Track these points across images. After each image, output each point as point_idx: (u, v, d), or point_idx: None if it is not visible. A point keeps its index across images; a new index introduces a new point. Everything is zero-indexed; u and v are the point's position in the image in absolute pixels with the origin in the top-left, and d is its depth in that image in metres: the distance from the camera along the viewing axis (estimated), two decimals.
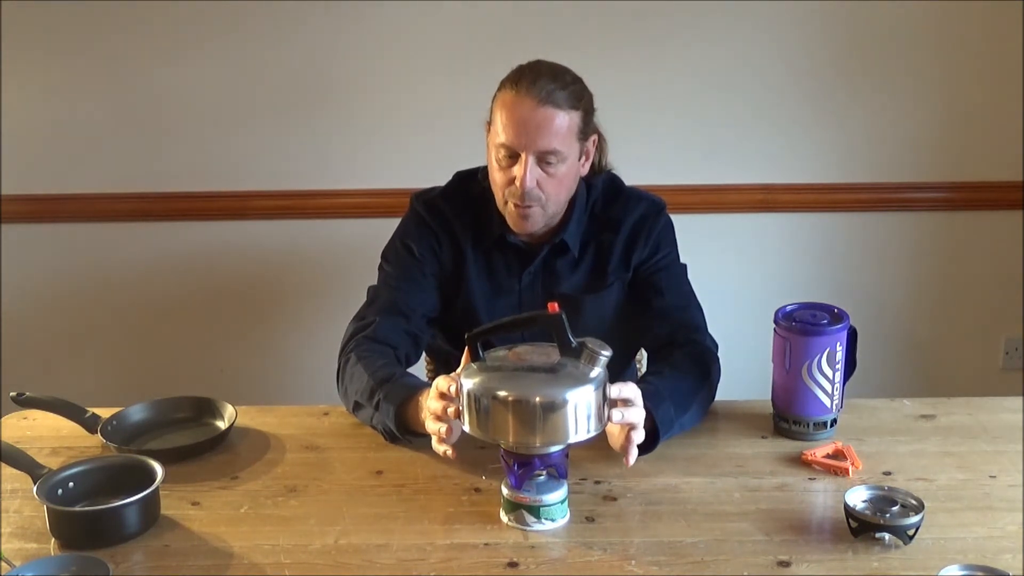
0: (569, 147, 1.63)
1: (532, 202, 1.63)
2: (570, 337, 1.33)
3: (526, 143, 1.60)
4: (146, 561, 1.29)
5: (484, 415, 1.30)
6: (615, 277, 1.75)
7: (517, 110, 1.59)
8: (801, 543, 1.30)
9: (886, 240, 2.69)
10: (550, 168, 1.62)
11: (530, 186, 1.61)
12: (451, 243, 1.76)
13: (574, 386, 1.29)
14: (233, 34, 2.52)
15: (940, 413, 1.66)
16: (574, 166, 1.67)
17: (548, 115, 1.59)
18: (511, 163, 1.63)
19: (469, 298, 1.76)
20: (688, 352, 1.65)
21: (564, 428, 1.29)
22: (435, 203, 1.78)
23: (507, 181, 1.64)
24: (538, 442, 1.30)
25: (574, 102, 1.62)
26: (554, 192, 1.64)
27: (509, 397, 1.28)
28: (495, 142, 1.64)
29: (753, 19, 2.51)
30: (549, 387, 1.29)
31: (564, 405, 1.28)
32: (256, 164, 2.62)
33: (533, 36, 2.51)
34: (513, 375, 1.32)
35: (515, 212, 1.66)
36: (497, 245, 1.75)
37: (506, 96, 1.62)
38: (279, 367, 2.79)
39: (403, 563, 1.27)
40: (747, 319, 2.28)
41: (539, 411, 1.28)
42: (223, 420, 1.64)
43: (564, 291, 1.74)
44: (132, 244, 2.69)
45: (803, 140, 2.61)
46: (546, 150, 1.60)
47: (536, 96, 1.58)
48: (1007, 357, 2.78)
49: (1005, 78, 2.55)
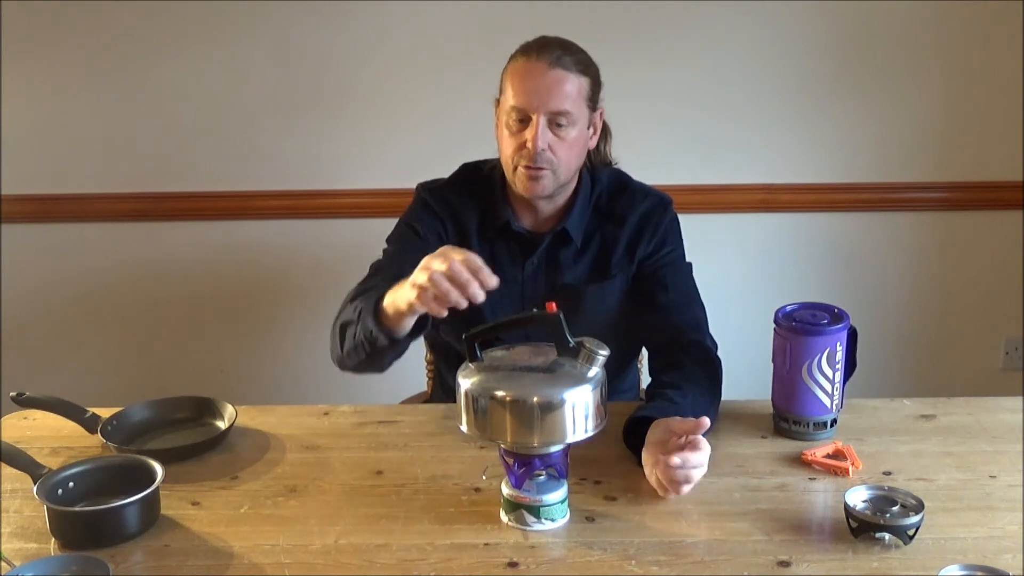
0: (579, 110, 1.66)
1: (543, 164, 1.65)
2: (568, 337, 1.33)
3: (537, 104, 1.63)
4: (146, 561, 1.29)
5: (482, 415, 1.30)
6: (618, 270, 1.75)
7: (529, 74, 1.64)
8: (801, 543, 1.30)
9: (886, 240, 2.69)
10: (560, 131, 1.65)
11: (541, 146, 1.63)
12: (457, 231, 1.77)
13: (572, 386, 1.29)
14: (233, 34, 2.53)
15: (940, 413, 1.65)
16: (583, 133, 1.69)
17: (559, 77, 1.63)
18: (522, 127, 1.65)
19: None
20: (696, 358, 1.65)
21: (562, 428, 1.29)
22: (441, 191, 1.79)
23: (518, 145, 1.66)
24: (536, 442, 1.30)
25: (583, 68, 1.67)
26: (564, 156, 1.66)
27: (507, 397, 1.28)
28: (506, 107, 1.67)
29: (754, 19, 2.51)
30: (547, 387, 1.29)
31: (562, 405, 1.28)
32: (256, 164, 2.62)
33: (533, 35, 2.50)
34: (511, 375, 1.32)
35: (525, 174, 1.67)
36: (501, 234, 1.75)
37: (517, 63, 1.67)
38: (279, 367, 2.79)
39: (403, 563, 1.27)
40: (747, 319, 2.28)
41: (537, 411, 1.28)
42: (223, 420, 1.64)
43: (567, 282, 1.75)
44: (132, 244, 2.69)
45: (804, 140, 2.61)
46: (557, 111, 1.63)
47: (547, 60, 1.64)
48: (1007, 357, 2.78)
49: (1005, 78, 2.55)
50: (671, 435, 1.39)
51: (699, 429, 1.36)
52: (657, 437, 1.40)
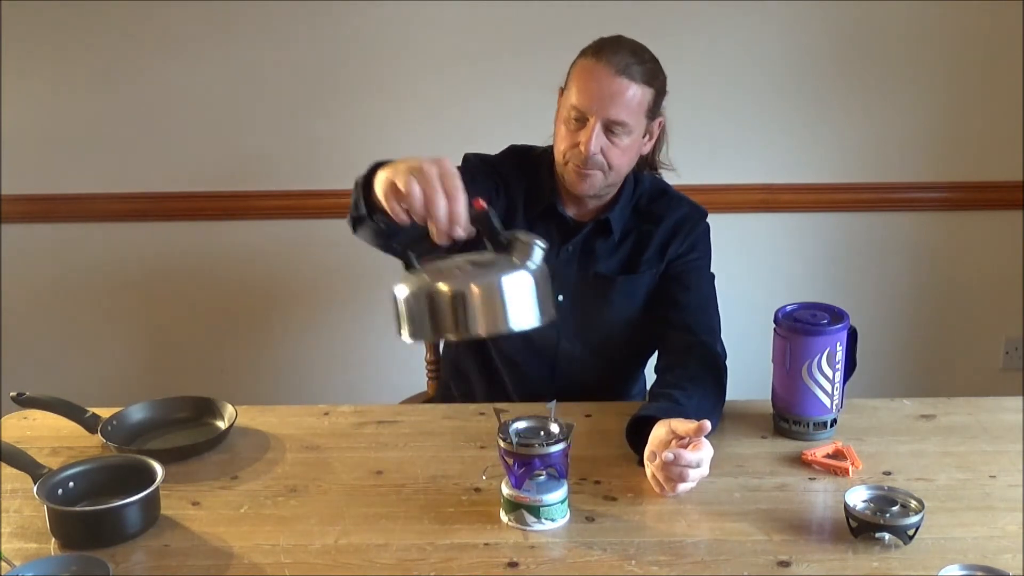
0: (637, 121, 1.67)
1: (593, 167, 1.68)
2: (500, 231, 1.26)
3: (597, 108, 1.65)
4: (146, 561, 1.29)
5: (421, 317, 1.23)
6: (648, 266, 1.78)
7: (594, 76, 1.65)
8: (801, 543, 1.30)
9: (886, 240, 2.69)
10: (615, 138, 1.67)
11: (593, 151, 1.65)
12: (507, 199, 1.79)
13: (510, 271, 1.22)
14: (233, 34, 2.52)
15: (940, 413, 1.66)
16: (638, 141, 1.71)
17: (623, 86, 1.64)
18: (579, 127, 1.67)
19: None
20: (703, 361, 1.66)
21: (504, 314, 1.22)
22: (494, 162, 1.81)
23: (572, 143, 1.68)
24: (481, 330, 1.22)
25: (649, 78, 1.67)
26: (616, 161, 1.69)
27: (445, 290, 1.21)
28: (567, 103, 1.68)
29: (754, 19, 2.51)
30: (484, 275, 1.22)
31: (501, 290, 1.21)
32: (256, 164, 2.62)
33: (533, 35, 2.51)
34: (447, 272, 1.25)
35: (574, 172, 1.70)
36: (544, 215, 1.77)
37: (586, 62, 1.68)
38: (279, 367, 2.79)
39: (403, 563, 1.27)
40: (747, 319, 2.28)
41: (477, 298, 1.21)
42: (223, 420, 1.64)
43: (598, 272, 1.77)
44: (132, 244, 2.69)
45: (804, 140, 2.61)
46: (615, 120, 1.65)
47: (615, 66, 1.64)
48: (1007, 357, 2.78)
49: (1005, 78, 2.55)
50: (673, 435, 1.39)
51: (700, 432, 1.36)
52: (659, 436, 1.40)
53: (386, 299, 1.89)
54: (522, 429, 1.36)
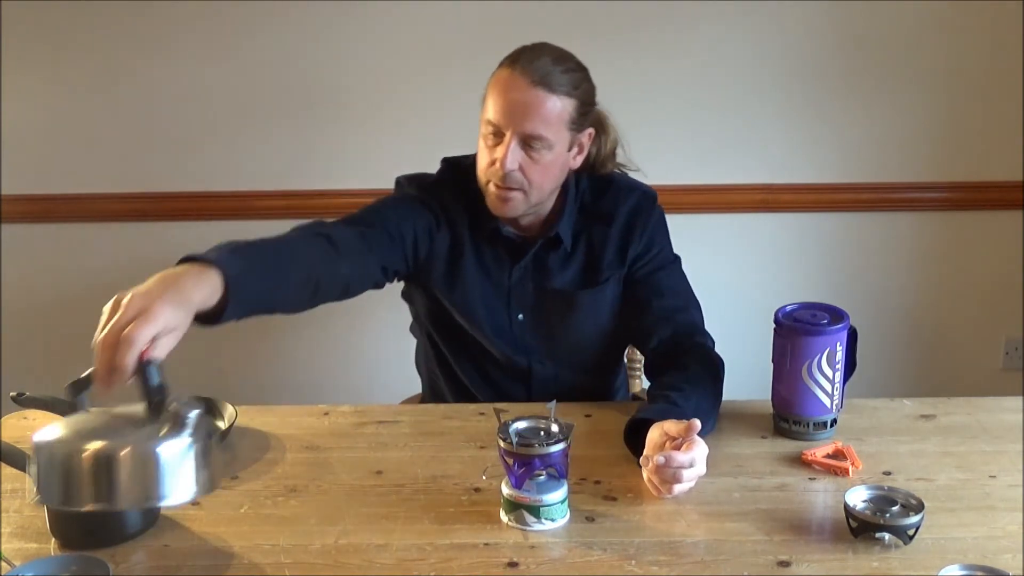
0: (557, 135, 1.57)
1: (513, 185, 1.58)
2: (157, 392, 1.17)
3: (511, 123, 1.55)
4: (146, 561, 1.29)
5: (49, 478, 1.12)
6: (610, 272, 1.72)
7: (509, 88, 1.55)
8: (801, 543, 1.30)
9: (886, 240, 2.69)
10: (534, 153, 1.57)
11: (510, 168, 1.56)
12: (449, 231, 1.70)
13: (162, 440, 1.13)
14: (233, 34, 2.53)
15: (940, 413, 1.65)
16: (562, 156, 1.61)
17: (540, 97, 1.54)
18: (496, 142, 1.58)
19: (466, 293, 1.72)
20: (698, 359, 1.64)
21: (152, 485, 1.11)
22: (434, 189, 1.71)
23: (491, 161, 1.59)
24: (122, 504, 1.13)
25: (570, 88, 1.56)
26: (537, 179, 1.59)
27: (86, 453, 1.10)
28: (484, 118, 1.60)
29: (754, 19, 2.51)
30: (134, 440, 1.12)
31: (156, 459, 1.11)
32: (256, 164, 2.62)
33: (533, 35, 2.49)
34: (98, 429, 1.15)
35: (495, 193, 1.61)
36: (490, 237, 1.70)
37: (501, 72, 1.58)
38: (279, 367, 2.79)
39: (403, 563, 1.27)
40: (747, 319, 2.28)
41: (120, 466, 1.10)
42: (223, 420, 1.64)
43: (555, 287, 1.72)
44: (132, 244, 2.69)
45: (804, 140, 2.61)
46: (532, 134, 1.55)
47: (531, 76, 1.53)
48: (1007, 357, 2.78)
49: (1005, 78, 2.55)
50: (666, 437, 1.39)
51: (690, 431, 1.36)
52: (653, 440, 1.40)
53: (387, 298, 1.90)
54: (522, 429, 1.36)
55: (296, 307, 1.53)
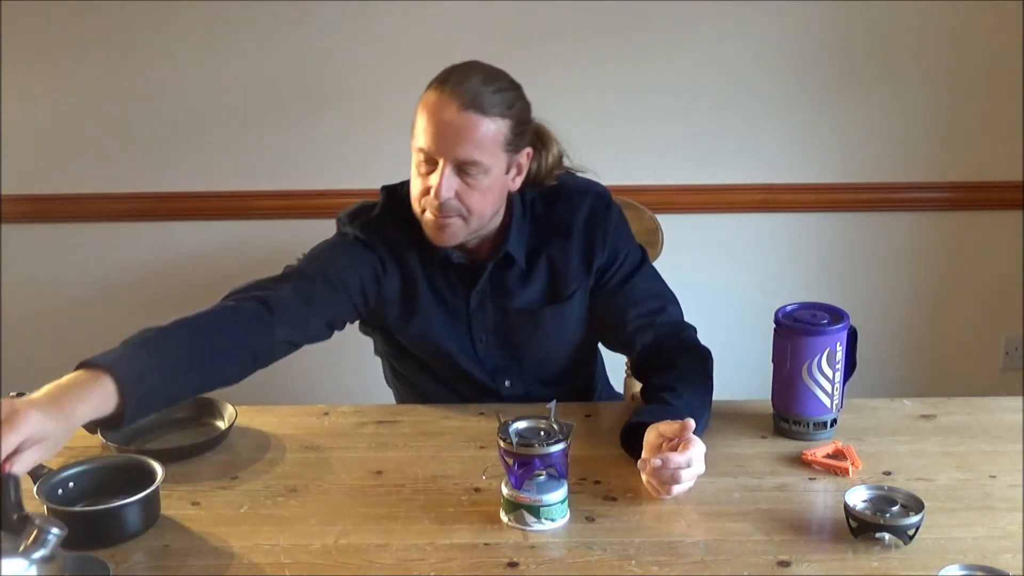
0: (493, 158, 1.51)
1: (450, 213, 1.53)
2: (12, 509, 1.12)
3: (444, 150, 1.49)
4: (146, 561, 1.29)
5: None
6: (576, 284, 1.67)
7: (438, 113, 1.49)
8: (801, 543, 1.30)
9: (886, 240, 2.69)
10: (470, 179, 1.51)
11: (446, 196, 1.50)
12: (398, 269, 1.65)
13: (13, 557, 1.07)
14: (233, 34, 2.53)
15: (940, 413, 1.65)
16: (499, 179, 1.55)
17: (471, 122, 1.47)
18: (429, 169, 1.52)
19: (425, 325, 1.67)
20: (684, 354, 1.63)
21: None
22: (374, 226, 1.65)
23: (424, 189, 1.53)
24: None
25: (503, 109, 1.50)
26: (476, 206, 1.53)
27: None
28: (414, 145, 1.54)
29: (754, 18, 2.51)
30: None
31: None
32: (256, 164, 2.62)
33: (533, 35, 2.51)
34: None
35: (432, 222, 1.55)
36: (442, 266, 1.64)
37: (429, 96, 1.51)
38: (279, 367, 2.78)
39: (403, 563, 1.27)
40: (747, 319, 2.29)
41: None
42: (223, 420, 1.64)
43: (518, 306, 1.67)
44: (132, 244, 2.69)
45: (804, 140, 2.61)
46: (466, 160, 1.49)
47: (460, 99, 1.47)
48: (1007, 357, 2.78)
49: (1005, 78, 2.55)
50: (662, 438, 1.39)
51: (685, 430, 1.36)
52: (649, 442, 1.40)
53: None
54: (522, 429, 1.36)
55: (232, 380, 1.54)
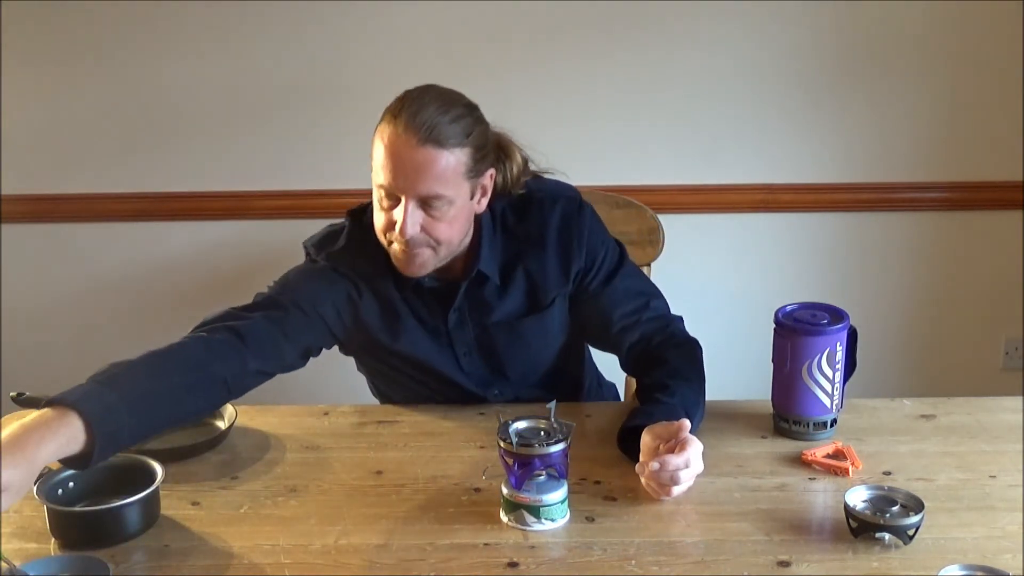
0: (456, 189, 1.49)
1: (418, 244, 1.51)
2: None
3: (405, 187, 1.47)
4: (146, 561, 1.29)
5: None
6: (556, 291, 1.65)
7: (395, 149, 1.46)
8: (801, 543, 1.30)
9: (886, 240, 2.69)
10: (435, 212, 1.49)
11: (411, 233, 1.48)
12: (372, 292, 1.63)
13: None
14: (233, 34, 2.52)
15: (940, 413, 1.65)
16: (465, 207, 1.53)
17: (430, 157, 1.45)
18: (392, 204, 1.50)
19: (412, 345, 1.66)
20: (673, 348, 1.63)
21: None
22: (341, 257, 1.63)
23: (388, 224, 1.52)
24: None
25: (461, 139, 1.48)
26: (444, 235, 1.52)
27: None
28: (375, 180, 1.52)
29: (754, 19, 2.51)
30: None
31: None
32: (256, 164, 2.62)
33: (533, 35, 2.51)
34: None
35: (401, 255, 1.53)
36: (415, 289, 1.63)
37: (385, 129, 1.49)
38: None
39: (403, 563, 1.27)
40: (747, 319, 2.28)
41: None
42: (223, 420, 1.64)
43: (497, 319, 1.66)
44: (132, 244, 2.69)
45: (804, 140, 2.61)
46: (428, 195, 1.47)
47: (416, 133, 1.45)
48: (1007, 357, 2.78)
49: (1005, 78, 2.55)
50: (659, 440, 1.39)
51: (681, 431, 1.36)
52: (646, 445, 1.40)
53: None
54: (522, 429, 1.36)
55: (204, 413, 1.54)
